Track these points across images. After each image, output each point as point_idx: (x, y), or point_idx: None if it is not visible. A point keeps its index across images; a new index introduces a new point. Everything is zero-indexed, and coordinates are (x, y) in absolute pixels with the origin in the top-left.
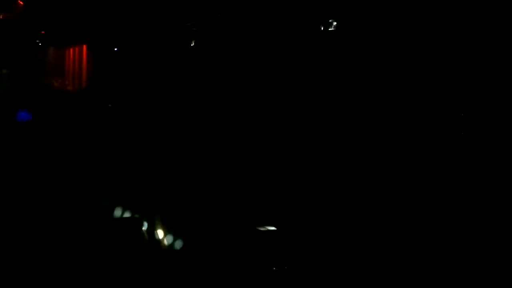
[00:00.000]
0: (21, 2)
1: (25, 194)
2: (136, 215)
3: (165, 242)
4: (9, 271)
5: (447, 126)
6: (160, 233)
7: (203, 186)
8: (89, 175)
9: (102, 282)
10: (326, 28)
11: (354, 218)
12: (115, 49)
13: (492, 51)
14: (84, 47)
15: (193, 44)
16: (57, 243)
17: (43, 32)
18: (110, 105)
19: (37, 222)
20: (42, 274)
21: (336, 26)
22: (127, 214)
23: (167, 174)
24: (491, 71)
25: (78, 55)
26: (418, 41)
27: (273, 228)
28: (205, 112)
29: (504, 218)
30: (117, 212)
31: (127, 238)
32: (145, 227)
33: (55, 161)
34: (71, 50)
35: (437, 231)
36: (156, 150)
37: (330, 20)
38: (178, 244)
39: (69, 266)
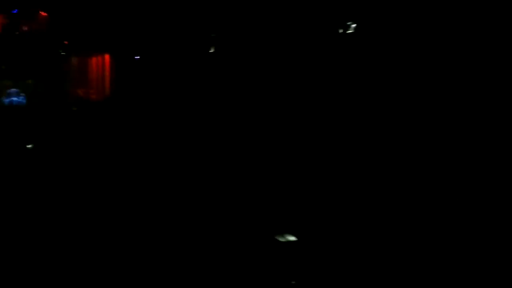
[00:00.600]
0: (44, 13)
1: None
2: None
3: None
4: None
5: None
6: None
7: (216, 188)
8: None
9: None
10: (345, 30)
11: (383, 227)
12: (137, 57)
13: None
14: (107, 56)
15: (213, 50)
16: None
17: (66, 42)
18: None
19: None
20: None
21: (355, 29)
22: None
23: (181, 176)
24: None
25: (101, 64)
26: (434, 41)
27: (293, 238)
28: (225, 116)
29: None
30: None
31: None
32: None
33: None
34: (94, 59)
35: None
36: (174, 154)
37: (348, 23)
38: None
39: None
